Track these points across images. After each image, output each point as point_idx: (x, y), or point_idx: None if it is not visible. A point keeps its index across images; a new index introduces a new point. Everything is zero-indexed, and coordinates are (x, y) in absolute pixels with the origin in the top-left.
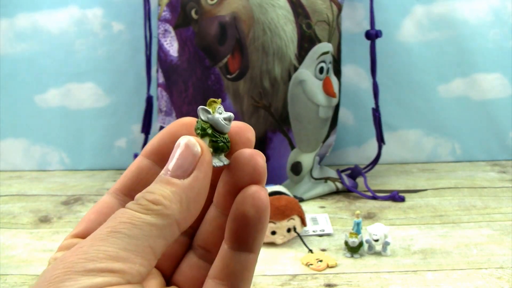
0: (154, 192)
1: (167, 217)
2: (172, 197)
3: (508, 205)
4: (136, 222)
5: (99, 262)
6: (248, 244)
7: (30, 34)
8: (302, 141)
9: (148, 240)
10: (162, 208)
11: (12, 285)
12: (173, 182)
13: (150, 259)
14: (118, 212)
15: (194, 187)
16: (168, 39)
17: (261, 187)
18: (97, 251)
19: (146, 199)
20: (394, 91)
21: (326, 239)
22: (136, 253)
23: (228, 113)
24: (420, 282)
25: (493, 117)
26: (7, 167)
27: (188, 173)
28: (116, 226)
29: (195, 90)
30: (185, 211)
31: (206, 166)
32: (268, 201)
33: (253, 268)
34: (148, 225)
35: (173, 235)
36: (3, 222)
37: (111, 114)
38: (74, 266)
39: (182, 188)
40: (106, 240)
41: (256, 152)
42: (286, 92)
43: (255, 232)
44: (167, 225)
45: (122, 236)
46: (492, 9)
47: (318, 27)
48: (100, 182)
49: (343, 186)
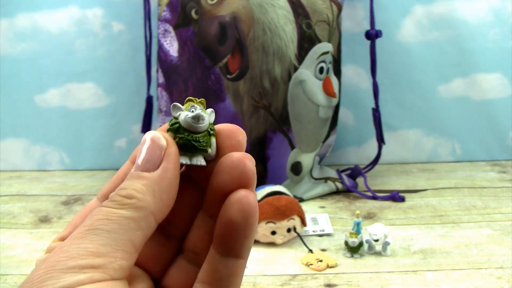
0: (126, 188)
1: (142, 209)
2: (144, 189)
3: (508, 205)
4: (112, 217)
5: (80, 259)
6: (236, 250)
7: (30, 34)
8: (302, 141)
9: (127, 233)
10: (136, 201)
11: (12, 285)
12: (143, 175)
13: (131, 252)
14: (95, 210)
15: (165, 178)
16: (168, 39)
17: (249, 192)
18: (78, 248)
19: (119, 195)
20: (394, 91)
21: (326, 239)
22: (116, 247)
23: (197, 112)
24: (420, 282)
25: (493, 117)
26: (7, 167)
27: (157, 166)
28: (94, 224)
29: (195, 90)
30: (158, 202)
31: (174, 157)
32: (256, 206)
33: (241, 273)
34: (125, 218)
35: (150, 226)
36: (3, 222)
37: (111, 114)
38: (56, 265)
39: (152, 180)
40: (85, 238)
41: (244, 155)
42: (286, 92)
43: (243, 237)
44: (143, 217)
45: (101, 232)
46: (492, 9)
47: (318, 27)
48: (100, 182)
49: (343, 186)
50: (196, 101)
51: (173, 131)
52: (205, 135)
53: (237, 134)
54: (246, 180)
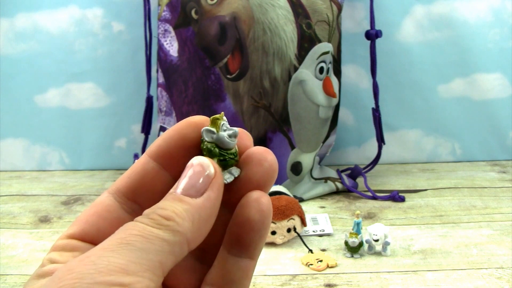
0: (166, 208)
1: (178, 234)
2: (184, 214)
3: (508, 205)
4: (147, 236)
5: (109, 274)
6: (250, 250)
7: (30, 34)
8: (302, 141)
9: (159, 255)
10: (174, 225)
11: (12, 285)
12: (186, 200)
13: (159, 275)
14: (129, 224)
15: (206, 207)
16: (168, 39)
17: (263, 193)
18: (107, 262)
19: (158, 214)
20: (394, 91)
21: (326, 239)
22: (146, 267)
23: (233, 129)
24: (420, 282)
25: (493, 117)
26: (7, 167)
27: (201, 193)
28: (127, 238)
29: (195, 90)
30: (196, 231)
31: (219, 187)
32: (271, 206)
33: (251, 275)
34: (160, 240)
35: (182, 253)
36: (3, 222)
37: (111, 114)
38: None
39: (195, 207)
40: (116, 252)
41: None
42: (286, 92)
43: (258, 238)
44: (178, 242)
45: (133, 249)
46: (492, 9)
47: (318, 27)
48: (100, 182)
49: (343, 186)
50: (221, 118)
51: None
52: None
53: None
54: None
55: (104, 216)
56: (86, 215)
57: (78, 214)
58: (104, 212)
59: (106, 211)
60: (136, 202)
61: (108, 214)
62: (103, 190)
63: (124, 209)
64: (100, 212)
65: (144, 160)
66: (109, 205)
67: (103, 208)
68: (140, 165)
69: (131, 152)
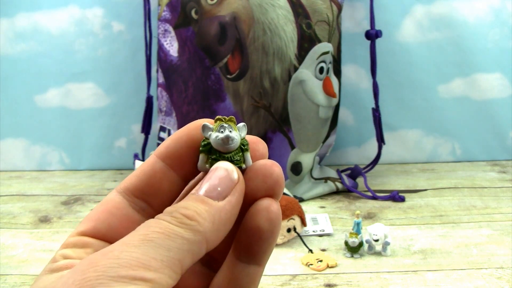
0: (188, 208)
1: (199, 233)
2: (206, 215)
3: (508, 205)
4: (169, 234)
5: (131, 269)
6: (258, 257)
7: (30, 34)
8: (302, 141)
9: (179, 253)
10: (196, 225)
11: (12, 285)
12: (208, 202)
13: (178, 273)
14: (151, 221)
15: (227, 211)
16: (168, 39)
17: (273, 200)
18: (130, 257)
19: (180, 213)
20: (394, 91)
21: (326, 239)
22: (167, 264)
23: (225, 134)
24: (420, 282)
25: (493, 117)
26: (7, 167)
27: (223, 197)
28: (149, 235)
29: (195, 90)
30: (215, 232)
31: (240, 193)
32: (280, 214)
33: (258, 281)
34: (181, 238)
35: (200, 253)
36: (3, 222)
37: (111, 114)
38: (107, 271)
39: (216, 209)
40: (139, 247)
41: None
42: (286, 92)
43: (267, 245)
44: (198, 241)
45: (155, 245)
46: (492, 9)
47: (318, 27)
48: (100, 182)
49: (343, 186)
50: (225, 120)
51: (205, 152)
52: (237, 152)
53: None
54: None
55: (114, 213)
56: (96, 213)
57: (78, 214)
58: (113, 209)
59: (116, 208)
60: (144, 201)
61: (117, 211)
62: (103, 190)
63: (132, 206)
64: (110, 209)
65: (153, 160)
66: (118, 203)
67: (113, 206)
68: (148, 165)
69: (131, 152)
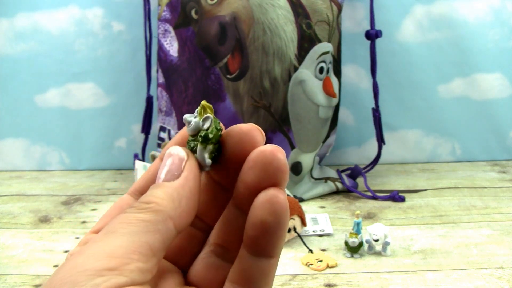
0: (147, 195)
1: (159, 212)
2: (163, 195)
3: (508, 205)
4: (131, 221)
5: (96, 260)
6: (268, 250)
7: (30, 34)
8: (302, 141)
9: (144, 236)
10: (154, 205)
11: (12, 285)
12: (164, 184)
13: (148, 255)
14: (116, 217)
15: (185, 186)
16: (168, 39)
17: (278, 190)
18: (94, 250)
19: (140, 202)
20: (394, 91)
21: (326, 239)
22: (133, 249)
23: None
24: (420, 282)
25: (493, 117)
26: (7, 167)
27: (177, 176)
28: (113, 227)
29: (195, 90)
30: (177, 207)
31: (194, 167)
32: (287, 204)
33: (273, 272)
34: (142, 221)
35: (168, 230)
36: (3, 222)
37: (111, 114)
38: (74, 268)
39: (172, 188)
40: (103, 241)
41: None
42: (286, 92)
43: (275, 238)
44: (161, 220)
45: (118, 235)
46: (492, 9)
47: (318, 27)
48: (100, 182)
49: (343, 186)
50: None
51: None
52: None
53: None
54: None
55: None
56: (110, 212)
57: (78, 214)
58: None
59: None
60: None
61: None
62: (103, 190)
63: None
64: (121, 206)
65: (157, 163)
66: (129, 203)
67: (126, 205)
68: (153, 167)
69: (131, 152)
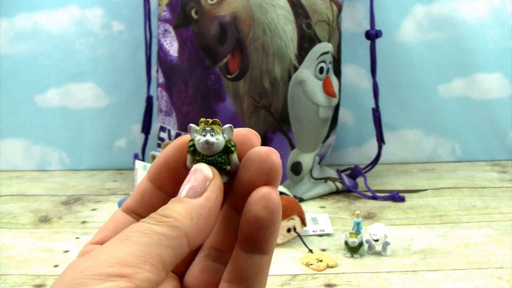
0: (166, 209)
1: (176, 228)
2: (182, 212)
3: (508, 205)
4: (146, 232)
5: (108, 266)
6: (261, 246)
7: (30, 34)
8: (302, 141)
9: (157, 248)
10: (172, 220)
11: (12, 285)
12: (185, 200)
13: (158, 268)
14: (132, 225)
15: (205, 206)
16: (168, 39)
17: (272, 188)
18: (107, 256)
19: (158, 214)
20: (394, 91)
21: (326, 239)
22: (145, 259)
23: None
24: (420, 282)
25: (493, 117)
26: (7, 167)
27: (200, 194)
28: (127, 235)
29: (195, 90)
30: (194, 226)
31: (217, 188)
32: (279, 201)
33: (267, 269)
34: (158, 234)
35: (182, 247)
36: (3, 222)
37: (111, 114)
38: (84, 271)
39: (193, 205)
40: (116, 247)
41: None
42: (286, 92)
43: (268, 234)
44: (176, 236)
45: (132, 243)
46: (492, 9)
47: (318, 27)
48: (100, 182)
49: (343, 186)
50: (208, 123)
51: (191, 153)
52: (221, 155)
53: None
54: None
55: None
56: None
57: (78, 214)
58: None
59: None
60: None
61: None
62: (103, 190)
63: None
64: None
65: (144, 182)
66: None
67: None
68: (140, 186)
69: (131, 152)
